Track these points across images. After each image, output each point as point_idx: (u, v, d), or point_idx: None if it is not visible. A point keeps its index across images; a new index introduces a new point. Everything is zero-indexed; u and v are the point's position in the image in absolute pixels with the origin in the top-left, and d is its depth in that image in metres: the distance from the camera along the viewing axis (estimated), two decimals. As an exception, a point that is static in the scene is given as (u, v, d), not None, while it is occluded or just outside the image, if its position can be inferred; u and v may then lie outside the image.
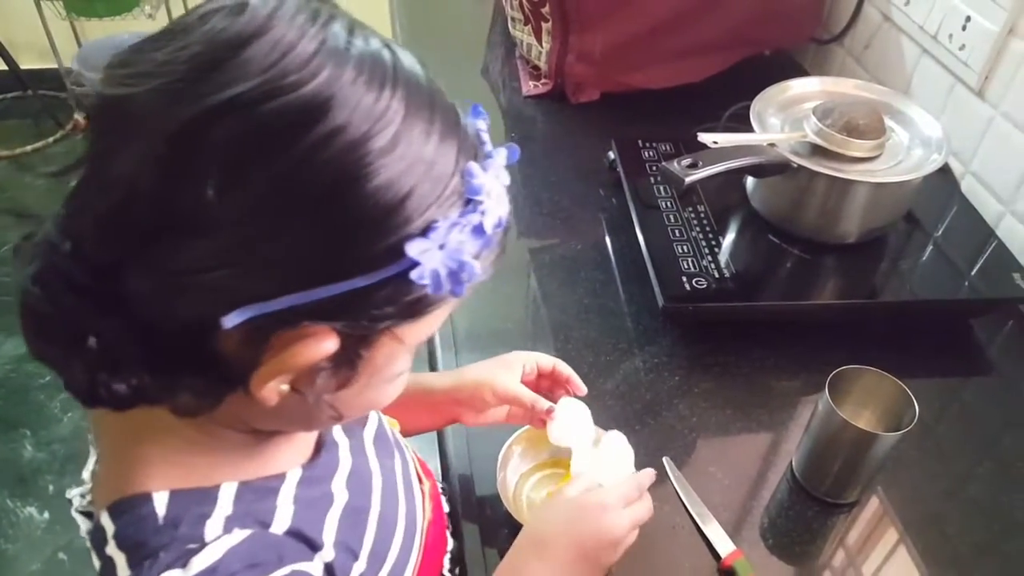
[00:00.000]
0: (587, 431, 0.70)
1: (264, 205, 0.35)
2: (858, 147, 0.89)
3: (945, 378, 0.89)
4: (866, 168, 0.89)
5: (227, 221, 0.35)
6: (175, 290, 0.37)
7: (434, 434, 0.78)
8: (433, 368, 0.85)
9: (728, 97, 1.14)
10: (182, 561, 0.41)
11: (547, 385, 0.74)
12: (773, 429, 0.81)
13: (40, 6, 2.42)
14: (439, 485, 0.70)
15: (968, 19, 1.00)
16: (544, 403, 0.70)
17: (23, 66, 2.72)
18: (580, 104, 1.26)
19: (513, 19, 1.34)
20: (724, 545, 0.69)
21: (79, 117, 2.68)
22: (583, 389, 0.73)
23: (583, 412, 0.71)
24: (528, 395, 0.69)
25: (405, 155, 0.37)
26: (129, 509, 0.42)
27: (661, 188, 1.01)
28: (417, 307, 0.40)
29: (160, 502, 0.42)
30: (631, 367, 0.86)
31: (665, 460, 0.76)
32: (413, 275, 0.37)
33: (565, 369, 0.73)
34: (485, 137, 0.43)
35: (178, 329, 0.37)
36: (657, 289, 0.87)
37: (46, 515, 1.69)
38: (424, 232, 0.38)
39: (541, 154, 1.18)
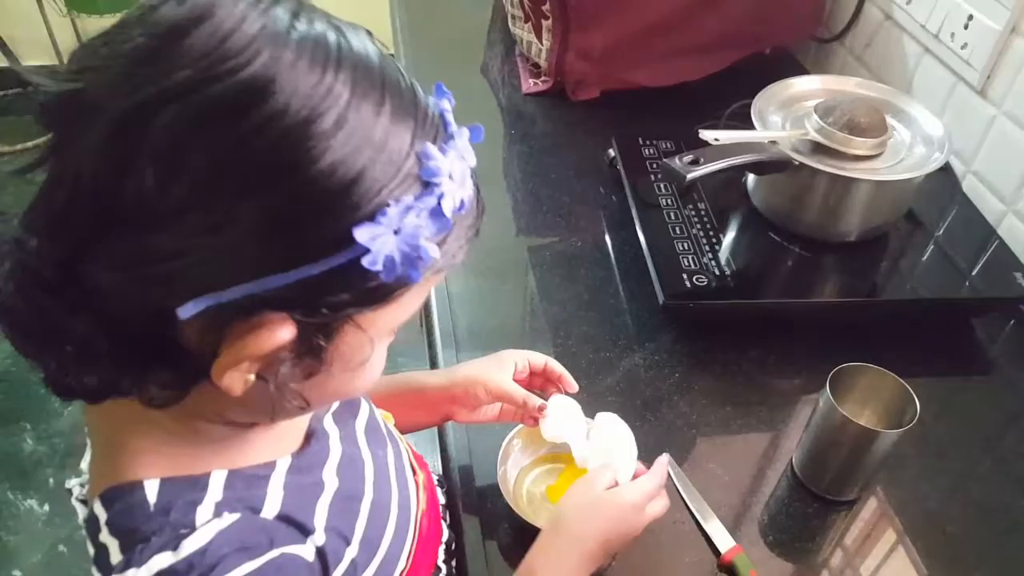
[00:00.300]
0: (579, 426, 0.71)
1: (208, 193, 0.35)
2: (859, 145, 0.89)
3: (946, 377, 0.89)
4: (867, 166, 0.89)
5: (172, 211, 0.35)
6: (130, 282, 0.37)
7: (434, 429, 0.78)
8: (434, 366, 0.85)
9: (728, 96, 1.14)
10: (173, 544, 0.41)
11: (539, 383, 0.74)
12: (773, 427, 0.81)
13: (41, 3, 2.42)
14: (434, 477, 0.70)
15: (970, 18, 1.00)
16: (535, 400, 0.70)
17: (24, 63, 2.71)
18: (580, 102, 1.26)
19: (513, 17, 1.34)
20: (724, 541, 0.69)
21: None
22: (574, 386, 0.73)
23: (573, 408, 0.71)
24: (519, 393, 0.70)
25: (351, 137, 0.36)
26: (120, 497, 0.43)
27: (661, 186, 1.01)
28: (377, 294, 0.39)
29: (151, 490, 0.43)
30: (631, 364, 0.86)
31: (665, 456, 0.76)
32: (365, 261, 0.37)
33: (556, 367, 0.73)
34: (449, 118, 0.42)
35: (140, 321, 0.38)
36: (657, 286, 0.87)
37: (46, 508, 1.69)
38: (373, 217, 0.37)
39: (541, 152, 1.18)
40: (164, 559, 0.41)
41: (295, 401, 0.42)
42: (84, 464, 0.50)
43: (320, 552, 0.47)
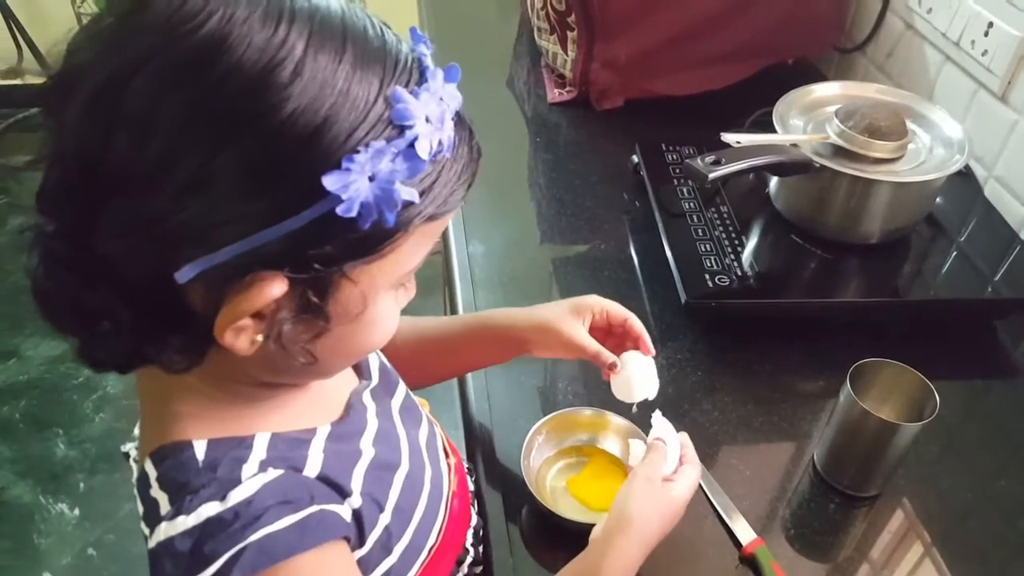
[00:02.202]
0: (651, 387, 0.69)
1: (182, 151, 0.37)
2: (880, 148, 0.90)
3: (968, 380, 0.89)
4: (888, 169, 0.90)
5: (152, 172, 0.37)
6: (131, 248, 0.39)
7: (459, 417, 0.80)
8: (462, 380, 0.85)
9: (750, 105, 1.16)
10: (220, 495, 0.43)
11: (618, 336, 0.72)
12: (795, 424, 0.82)
13: (80, 20, 2.49)
14: (465, 464, 0.72)
15: (991, 25, 1.01)
16: (608, 356, 0.68)
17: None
18: (604, 111, 1.28)
19: (539, 29, 1.37)
20: (746, 534, 0.70)
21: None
22: (652, 351, 0.71)
23: (649, 367, 0.69)
24: (592, 347, 0.69)
25: (310, 86, 0.37)
26: (171, 455, 0.45)
27: (684, 190, 1.02)
28: (366, 246, 0.40)
29: (199, 448, 0.45)
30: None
31: (685, 435, 0.77)
32: (339, 210, 0.37)
33: (636, 325, 0.71)
34: (427, 62, 0.42)
35: (150, 288, 0.40)
36: (680, 286, 0.88)
37: (77, 511, 1.72)
38: (340, 164, 0.37)
39: (565, 158, 1.20)
40: (212, 508, 0.43)
41: (302, 358, 0.44)
42: (137, 430, 0.52)
43: (356, 515, 0.49)
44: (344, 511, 0.48)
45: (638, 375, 0.69)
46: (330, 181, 0.37)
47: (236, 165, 0.37)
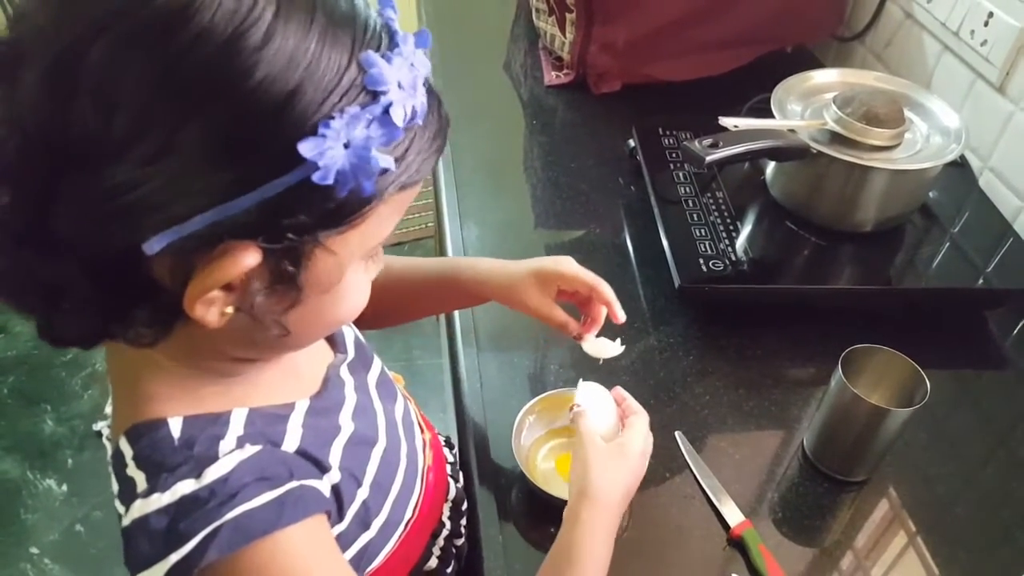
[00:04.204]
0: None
1: (149, 119, 0.36)
2: (877, 135, 0.90)
3: (959, 369, 0.89)
4: (884, 156, 0.90)
5: (118, 143, 0.36)
6: (93, 222, 0.37)
7: (450, 397, 0.80)
8: (454, 360, 0.85)
9: (748, 92, 1.15)
10: (196, 472, 0.43)
11: (586, 298, 0.72)
12: (785, 410, 0.82)
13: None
14: (441, 438, 0.71)
15: (991, 15, 1.00)
16: (574, 327, 0.70)
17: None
18: (601, 95, 1.28)
19: (537, 10, 1.36)
20: (733, 516, 0.70)
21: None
22: (621, 316, 0.70)
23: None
24: (557, 318, 0.69)
25: (282, 50, 0.36)
26: (145, 433, 0.44)
27: (680, 175, 1.02)
28: (340, 215, 0.39)
29: (175, 426, 0.45)
30: (645, 346, 0.87)
31: (677, 434, 0.77)
32: (315, 177, 0.36)
33: (606, 292, 0.70)
34: (395, 27, 0.41)
35: (112, 262, 0.38)
36: (674, 270, 0.88)
37: (64, 488, 1.72)
38: (316, 130, 0.36)
39: (561, 142, 1.20)
40: (187, 485, 0.42)
41: (275, 329, 0.43)
42: (108, 408, 0.52)
43: (335, 489, 0.49)
44: (323, 486, 0.48)
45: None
46: (306, 148, 0.36)
47: (206, 133, 0.36)
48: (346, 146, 0.37)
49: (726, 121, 0.88)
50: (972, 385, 0.89)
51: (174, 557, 0.41)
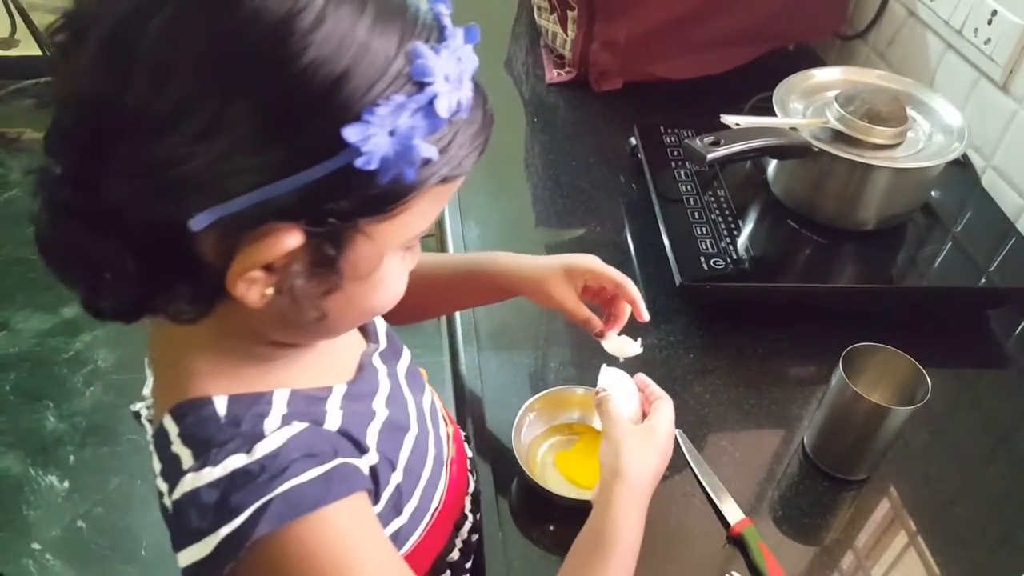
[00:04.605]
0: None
1: (198, 95, 0.36)
2: (879, 134, 0.89)
3: (960, 369, 0.89)
4: (886, 155, 0.90)
5: (169, 116, 0.36)
6: (144, 195, 0.38)
7: (451, 394, 0.80)
8: (455, 360, 0.85)
9: (750, 90, 1.15)
10: (247, 447, 0.43)
11: (613, 297, 0.72)
12: (786, 408, 0.82)
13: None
14: (462, 433, 0.72)
15: (994, 13, 1.00)
16: (596, 323, 0.69)
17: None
18: (603, 93, 1.28)
19: (539, 8, 1.35)
20: (734, 514, 0.70)
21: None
22: (646, 315, 0.71)
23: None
24: (581, 314, 0.70)
25: (331, 36, 0.37)
26: (191, 411, 0.45)
27: (682, 173, 1.02)
28: (382, 202, 0.40)
29: (220, 404, 0.45)
30: (646, 344, 0.86)
31: (678, 432, 0.77)
32: (358, 162, 0.37)
33: (631, 290, 0.70)
34: (445, 20, 0.42)
35: (158, 237, 0.39)
36: (675, 268, 0.88)
37: (66, 484, 1.72)
38: (361, 116, 0.37)
39: (563, 140, 1.20)
40: (238, 459, 0.43)
41: (313, 313, 0.43)
42: (147, 390, 0.52)
43: (372, 471, 0.50)
44: (363, 466, 0.49)
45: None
46: (350, 133, 0.37)
47: (254, 113, 0.37)
48: (391, 134, 0.38)
49: (728, 119, 0.87)
50: (974, 384, 0.89)
51: (225, 530, 0.42)
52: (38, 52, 2.74)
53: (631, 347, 0.72)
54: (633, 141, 1.11)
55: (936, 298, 0.93)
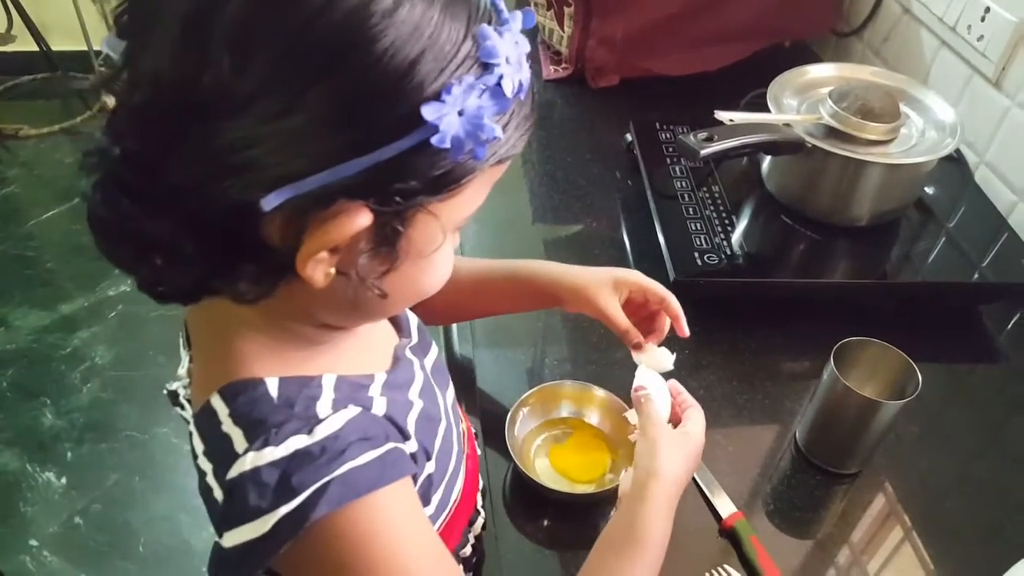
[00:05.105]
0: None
1: (277, 75, 0.37)
2: (872, 130, 0.90)
3: (952, 364, 0.90)
4: (880, 151, 0.90)
5: (246, 96, 0.37)
6: (214, 175, 0.38)
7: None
8: (451, 355, 0.86)
9: (746, 86, 1.15)
10: (307, 428, 0.44)
11: (653, 312, 0.73)
12: (779, 403, 0.82)
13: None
14: (472, 430, 0.72)
15: (987, 10, 1.01)
16: (635, 335, 0.69)
17: (54, 47, 2.77)
18: (599, 89, 1.28)
19: (536, 4, 1.36)
20: (726, 507, 0.70)
21: (107, 99, 2.73)
22: (686, 332, 0.71)
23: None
24: (623, 324, 0.69)
25: (409, 17, 0.37)
26: (243, 391, 0.45)
27: (677, 169, 1.02)
28: (446, 181, 0.41)
29: (272, 385, 0.45)
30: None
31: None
32: (434, 140, 0.38)
33: (674, 305, 0.71)
34: (501, 5, 0.42)
35: (225, 217, 0.39)
36: (669, 263, 0.89)
37: (64, 480, 1.72)
38: (438, 96, 0.38)
39: (559, 136, 1.20)
40: (300, 440, 0.43)
41: (375, 291, 0.44)
42: (182, 370, 0.53)
43: (412, 458, 0.50)
44: (407, 452, 0.49)
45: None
46: (428, 111, 0.38)
47: (330, 94, 0.37)
48: (460, 114, 0.39)
49: (722, 115, 0.88)
50: (966, 379, 0.89)
51: (284, 510, 0.42)
52: (35, 48, 2.74)
53: (667, 361, 0.71)
54: (629, 137, 1.11)
55: (929, 293, 0.93)
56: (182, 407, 0.53)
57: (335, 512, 0.43)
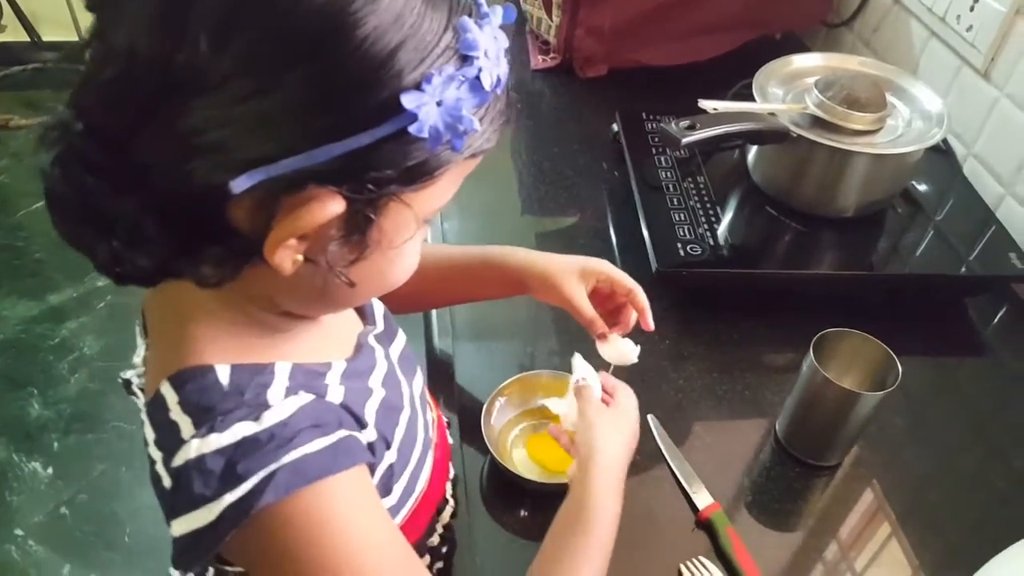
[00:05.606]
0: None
1: (256, 57, 0.36)
2: (858, 120, 0.89)
3: (937, 357, 0.89)
4: (866, 141, 0.89)
5: (222, 76, 0.36)
6: (183, 155, 0.38)
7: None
8: (431, 351, 0.85)
9: (736, 77, 1.14)
10: (254, 415, 0.43)
11: (621, 304, 0.72)
12: (760, 394, 0.82)
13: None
14: (444, 419, 0.72)
15: (976, 0, 1.00)
16: (600, 326, 0.69)
17: (45, 38, 2.75)
18: (587, 79, 1.27)
19: (525, -7, 1.35)
20: (702, 499, 0.70)
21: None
22: (651, 326, 0.71)
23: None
24: (587, 313, 0.69)
25: (392, 5, 0.37)
26: (192, 378, 0.44)
27: (663, 159, 1.01)
28: (421, 171, 0.40)
29: (223, 373, 0.45)
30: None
31: (650, 418, 0.77)
32: (412, 129, 0.38)
33: (641, 298, 0.71)
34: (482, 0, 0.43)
35: (192, 199, 0.39)
36: (651, 254, 0.88)
37: (50, 471, 1.72)
38: (418, 85, 0.38)
39: (546, 126, 1.19)
40: (247, 427, 0.42)
41: (343, 280, 0.43)
42: (138, 358, 0.52)
43: (370, 447, 0.50)
44: (363, 440, 0.49)
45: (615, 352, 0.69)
46: (408, 99, 0.37)
47: (308, 77, 0.37)
48: (439, 104, 0.39)
49: (705, 104, 0.87)
50: (951, 372, 0.89)
51: (229, 497, 0.41)
52: (26, 39, 2.72)
53: (631, 353, 0.70)
54: (616, 127, 1.10)
55: (915, 285, 0.92)
56: (136, 396, 0.52)
57: (283, 500, 0.42)
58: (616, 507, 0.59)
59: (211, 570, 0.54)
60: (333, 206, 0.39)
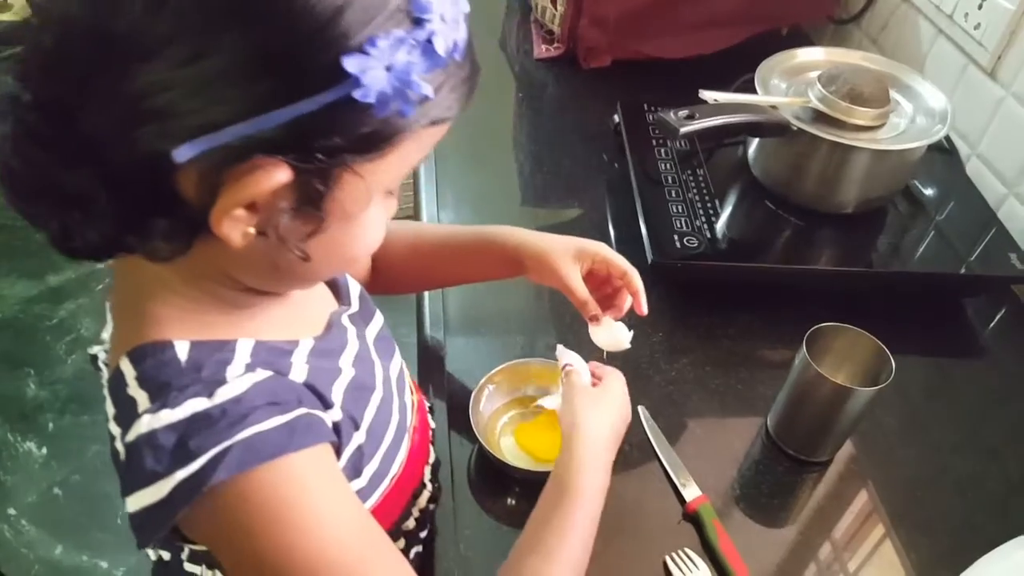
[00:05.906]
0: (626, 340, 0.70)
1: (193, 18, 0.35)
2: (861, 115, 0.88)
3: (934, 356, 0.88)
4: (868, 136, 0.88)
5: (160, 39, 0.35)
6: (128, 123, 0.37)
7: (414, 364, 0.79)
8: (421, 334, 0.85)
9: (740, 72, 1.13)
10: (208, 391, 0.42)
11: (616, 287, 0.72)
12: (752, 389, 0.81)
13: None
14: (427, 404, 0.71)
15: (985, -2, 0.98)
16: (593, 307, 0.68)
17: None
18: (590, 70, 1.26)
19: (530, -18, 1.34)
20: (690, 491, 0.69)
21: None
22: (644, 310, 0.70)
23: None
24: (581, 295, 0.68)
25: None
26: (151, 354, 0.44)
27: (663, 151, 1.00)
28: (374, 140, 0.39)
29: (181, 349, 0.44)
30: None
31: (640, 409, 0.76)
32: (357, 94, 0.36)
33: (636, 281, 0.69)
34: None
35: (139, 170, 0.38)
36: (648, 245, 0.87)
37: (44, 451, 1.72)
38: (362, 48, 0.36)
39: (548, 116, 1.18)
40: (199, 403, 0.42)
41: (296, 253, 0.42)
42: (106, 334, 0.51)
43: (336, 427, 0.49)
44: (328, 420, 0.48)
45: (608, 336, 0.69)
46: (351, 63, 0.36)
47: (248, 41, 0.35)
48: (387, 69, 0.37)
49: (706, 94, 0.86)
50: (946, 371, 0.88)
51: (181, 474, 0.41)
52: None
53: (624, 338, 0.70)
54: (617, 119, 1.09)
55: (913, 284, 0.91)
56: (101, 371, 0.51)
57: (235, 477, 0.41)
58: (600, 481, 0.59)
59: (186, 549, 0.54)
60: (279, 175, 0.38)
